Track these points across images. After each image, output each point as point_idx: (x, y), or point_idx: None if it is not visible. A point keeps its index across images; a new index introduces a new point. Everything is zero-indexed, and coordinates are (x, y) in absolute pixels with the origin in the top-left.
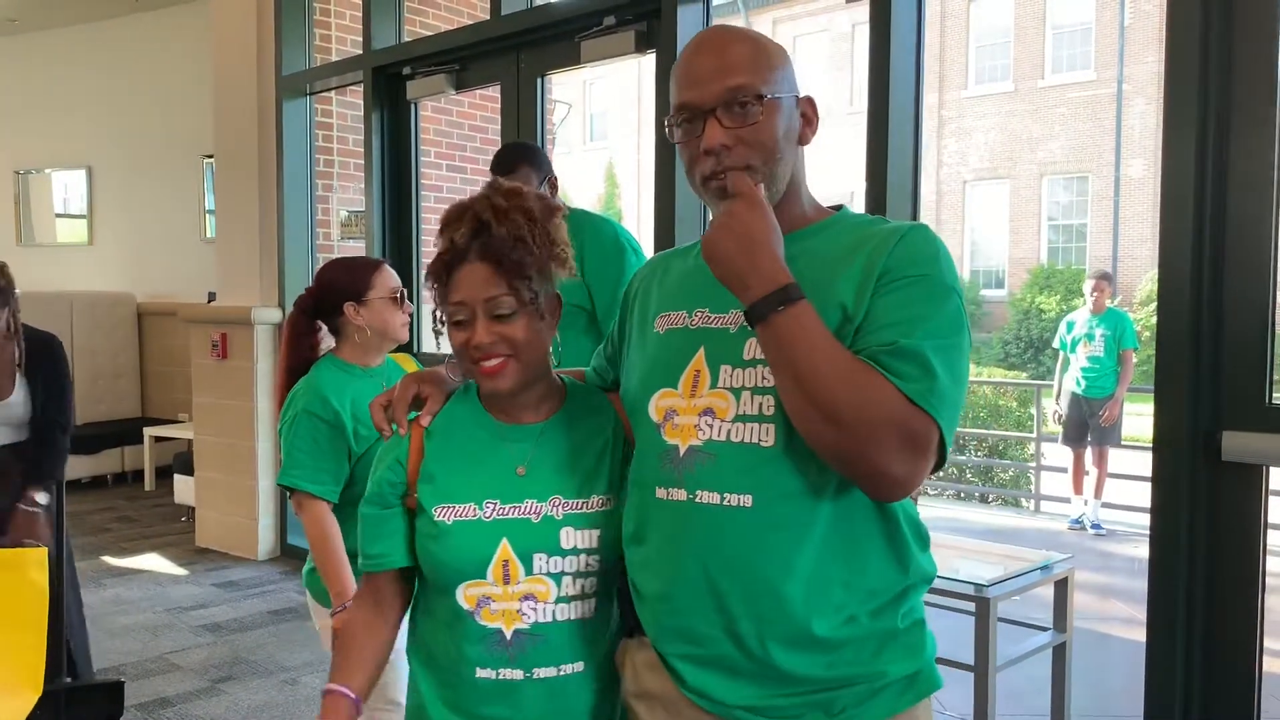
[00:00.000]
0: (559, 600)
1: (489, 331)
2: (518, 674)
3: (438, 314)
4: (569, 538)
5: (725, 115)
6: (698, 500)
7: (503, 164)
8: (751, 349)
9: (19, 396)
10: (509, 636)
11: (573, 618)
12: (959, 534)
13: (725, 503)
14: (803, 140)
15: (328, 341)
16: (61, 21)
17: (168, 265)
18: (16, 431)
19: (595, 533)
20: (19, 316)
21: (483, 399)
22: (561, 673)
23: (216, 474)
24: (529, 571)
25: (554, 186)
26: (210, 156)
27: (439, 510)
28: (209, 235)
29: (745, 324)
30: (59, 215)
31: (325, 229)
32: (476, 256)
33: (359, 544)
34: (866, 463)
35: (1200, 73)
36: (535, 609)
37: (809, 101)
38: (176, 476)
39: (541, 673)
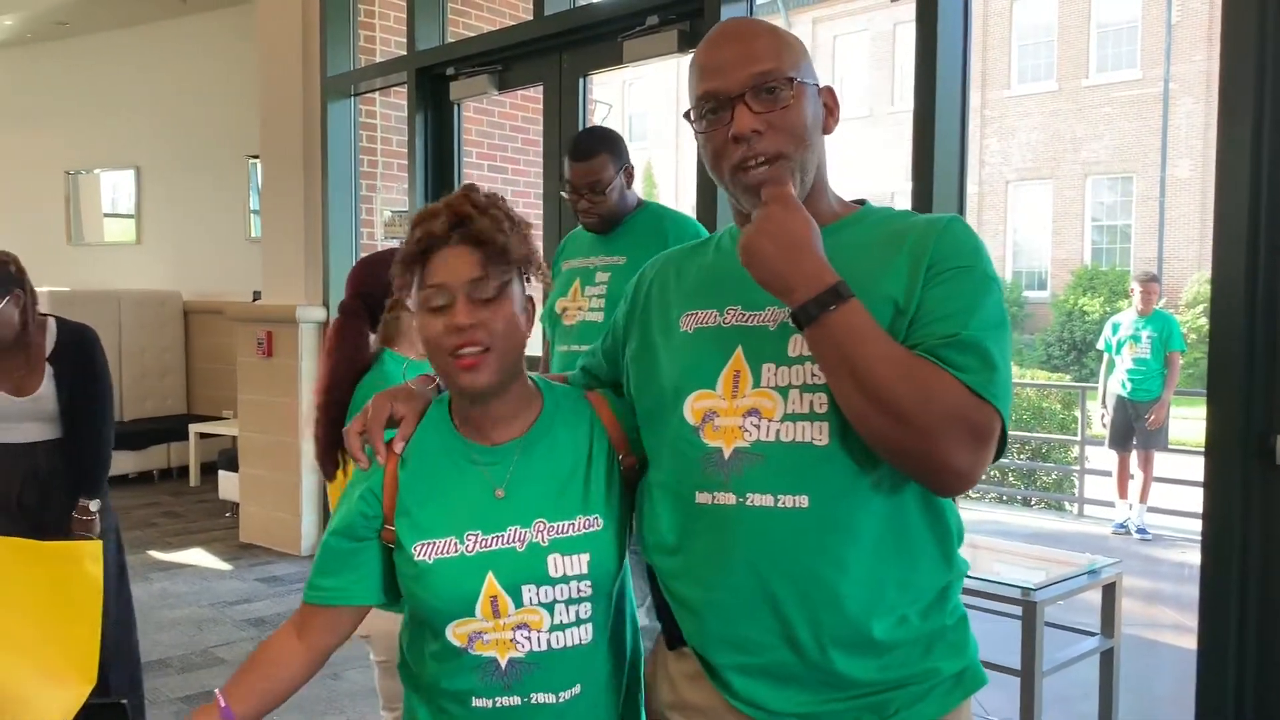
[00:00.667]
0: (553, 629)
1: (471, 314)
2: (515, 700)
3: (412, 308)
4: (557, 565)
5: (754, 101)
6: (749, 503)
7: (582, 150)
8: (797, 346)
9: (47, 389)
10: (504, 665)
11: (569, 645)
12: (1001, 537)
13: (780, 504)
14: (826, 130)
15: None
16: (110, 24)
17: (214, 264)
18: (52, 426)
19: (584, 557)
20: (36, 308)
21: (456, 418)
22: (560, 699)
23: (260, 470)
24: (519, 604)
25: (630, 176)
26: (256, 156)
27: (418, 548)
28: (254, 234)
29: (786, 321)
30: (108, 215)
31: (369, 229)
32: (459, 240)
33: (311, 570)
34: (934, 458)
35: (1256, 69)
36: (530, 638)
37: (829, 91)
38: (221, 473)
39: (540, 698)
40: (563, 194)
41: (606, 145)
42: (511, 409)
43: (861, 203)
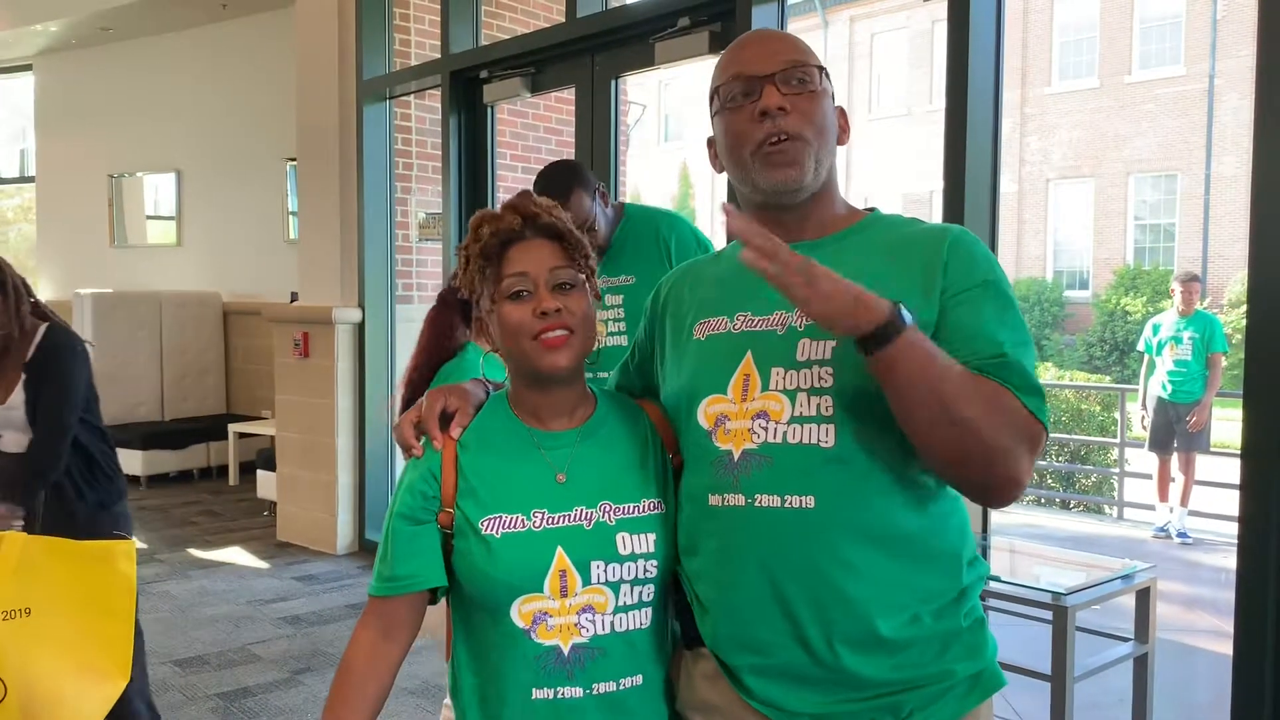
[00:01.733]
0: (617, 610)
1: (555, 299)
2: (577, 691)
3: (486, 300)
4: (625, 543)
5: (784, 84)
6: (757, 504)
7: (557, 189)
8: (805, 350)
9: (18, 397)
10: (566, 653)
11: (631, 628)
12: (1039, 540)
13: (786, 505)
14: (839, 141)
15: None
16: (153, 30)
17: (252, 265)
18: (26, 437)
19: (651, 536)
20: (25, 312)
21: (517, 405)
22: (621, 687)
23: (298, 470)
24: (586, 581)
25: (604, 196)
26: (293, 159)
27: (485, 523)
28: (292, 236)
29: (794, 325)
30: (150, 217)
31: (404, 230)
32: (534, 234)
33: (379, 563)
34: (1001, 470)
35: None
36: (594, 621)
37: (841, 111)
38: (259, 472)
39: (602, 688)
40: None
41: (573, 178)
42: (573, 400)
43: (872, 210)
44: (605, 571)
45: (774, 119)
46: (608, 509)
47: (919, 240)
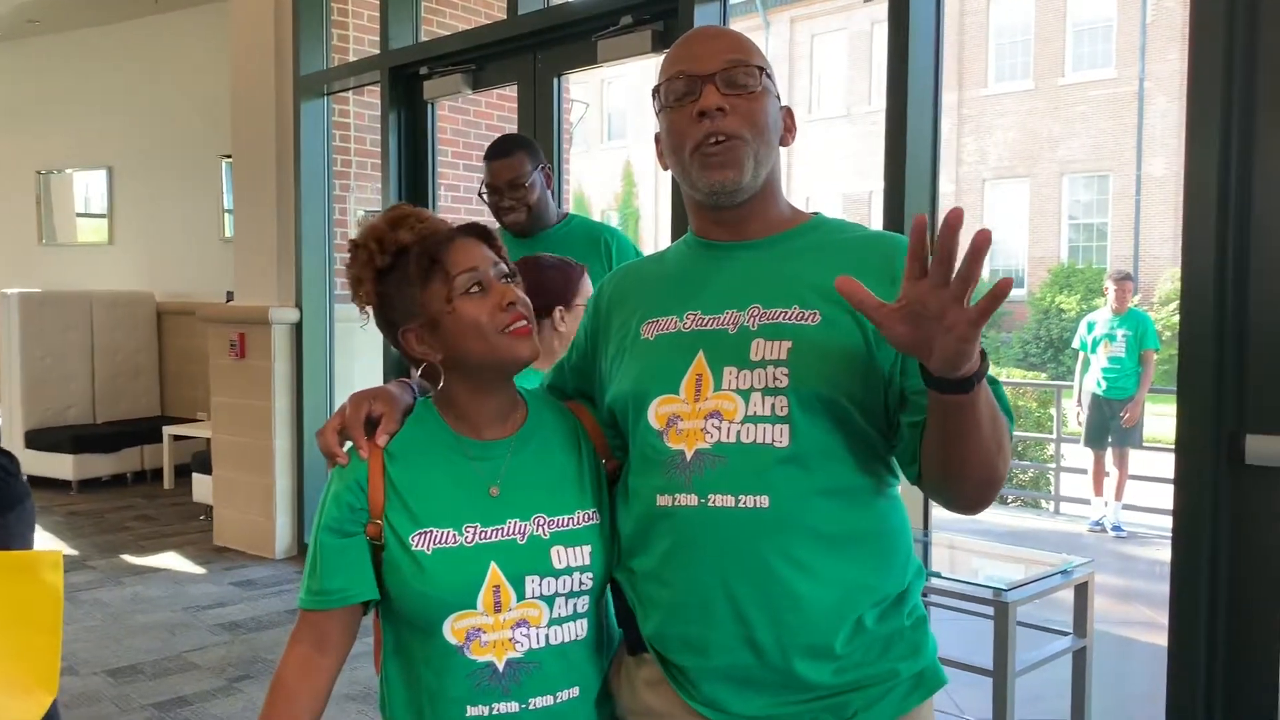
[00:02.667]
0: (551, 623)
1: (512, 292)
2: (513, 706)
3: (436, 302)
4: (560, 556)
5: (724, 84)
6: (711, 504)
7: (497, 149)
8: (759, 350)
9: None
10: (501, 668)
11: (566, 641)
12: (978, 536)
13: (740, 504)
14: (783, 142)
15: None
16: (81, 22)
17: (187, 264)
18: None
19: (587, 548)
20: None
21: (447, 412)
22: (558, 700)
23: (234, 473)
24: (521, 597)
25: (548, 177)
26: (229, 156)
27: (415, 538)
28: (228, 235)
29: (746, 325)
30: (80, 214)
31: (343, 228)
32: (463, 234)
33: (307, 576)
34: (997, 491)
35: (1224, 69)
36: (529, 635)
37: (789, 111)
38: (195, 475)
39: (538, 702)
40: (481, 197)
41: (522, 145)
42: (506, 406)
43: (815, 214)
44: (540, 586)
45: (712, 119)
46: (542, 522)
47: (867, 248)
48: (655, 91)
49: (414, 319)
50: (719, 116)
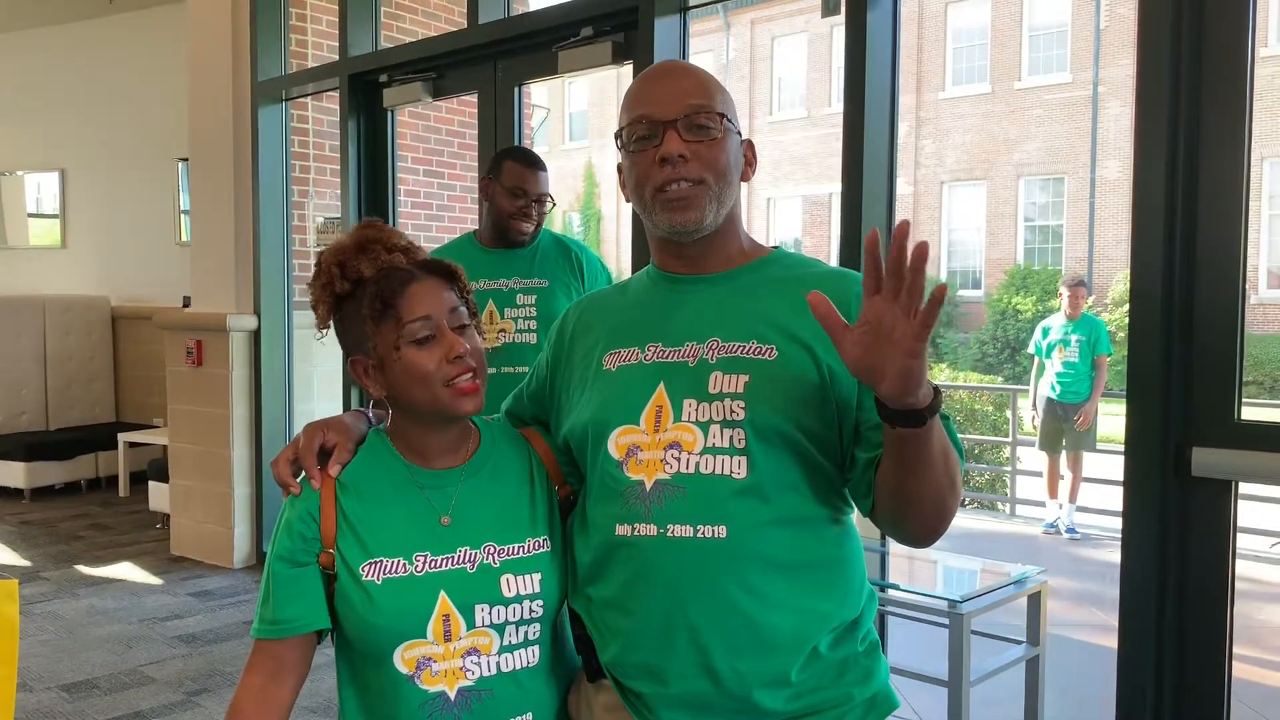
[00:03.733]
0: (502, 650)
1: (461, 342)
2: None
3: (383, 346)
4: (510, 585)
5: (685, 130)
6: (669, 534)
7: (539, 163)
8: (717, 383)
9: None
10: (453, 697)
11: (518, 668)
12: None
13: (699, 535)
14: (744, 178)
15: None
16: (34, 22)
17: (142, 268)
18: None
19: (537, 576)
20: None
21: (399, 442)
22: None
23: (192, 481)
24: (471, 625)
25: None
26: (185, 159)
27: (366, 568)
28: (184, 238)
29: (705, 358)
30: (31, 215)
31: (301, 235)
32: (426, 273)
33: (260, 605)
34: (948, 525)
35: (1171, 79)
36: (479, 663)
37: (750, 144)
38: (151, 483)
39: None
40: (500, 201)
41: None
42: (457, 438)
43: (775, 248)
44: (490, 614)
45: (674, 165)
46: (492, 550)
47: (823, 284)
48: (618, 134)
49: (363, 353)
50: (680, 163)
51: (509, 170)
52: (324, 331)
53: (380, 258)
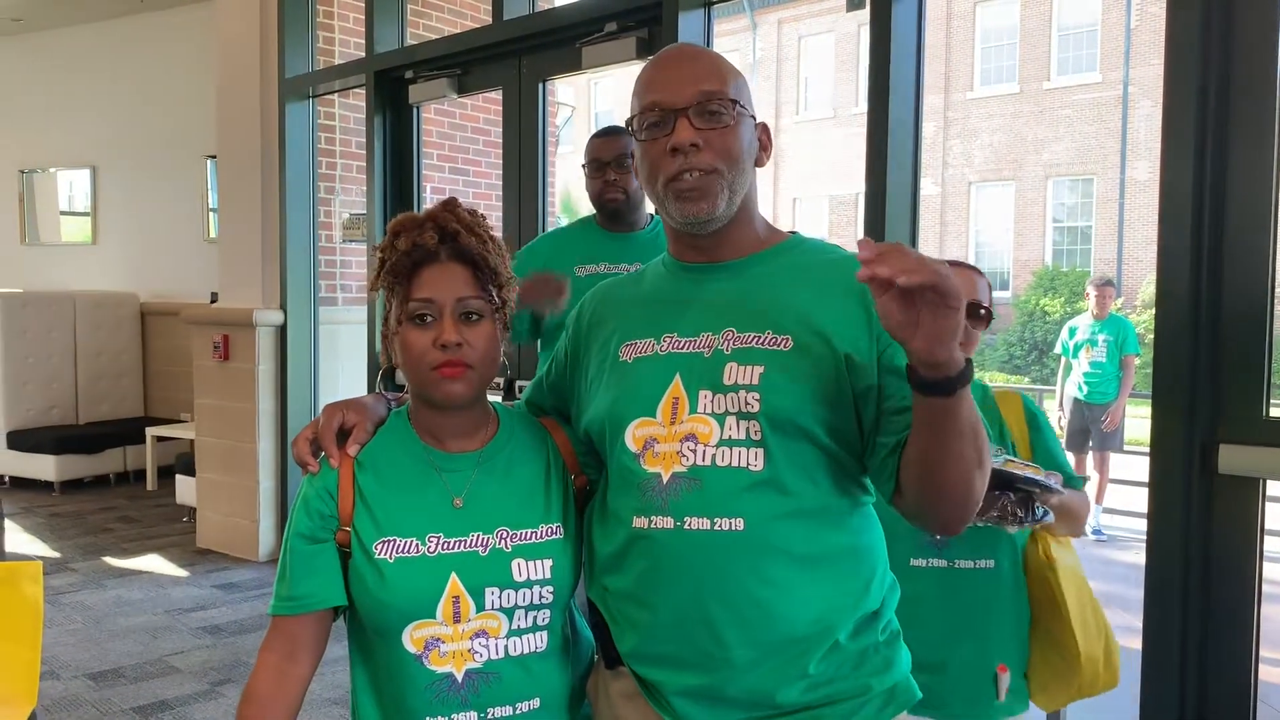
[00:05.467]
0: (510, 634)
1: (458, 332)
2: (471, 716)
3: (392, 319)
4: (521, 569)
5: (697, 117)
6: (687, 527)
7: (609, 130)
8: (731, 374)
9: None
10: (460, 678)
11: (525, 652)
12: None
13: (716, 527)
14: (759, 163)
15: None
16: (66, 21)
17: (171, 265)
18: None
19: (548, 563)
20: None
21: (417, 424)
22: (518, 711)
23: (218, 475)
24: (480, 607)
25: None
26: (214, 156)
27: (379, 546)
28: (212, 235)
29: (720, 348)
30: (64, 213)
31: (328, 231)
32: (449, 257)
33: (278, 582)
34: (975, 510)
35: (1199, 79)
36: (487, 645)
37: (764, 128)
38: (178, 477)
39: (496, 712)
40: (589, 182)
41: (627, 133)
42: (472, 423)
43: (792, 233)
44: (500, 598)
45: (686, 155)
46: (504, 535)
47: (842, 271)
48: (629, 121)
49: (386, 321)
50: (693, 152)
51: (586, 149)
52: (375, 293)
53: (423, 234)
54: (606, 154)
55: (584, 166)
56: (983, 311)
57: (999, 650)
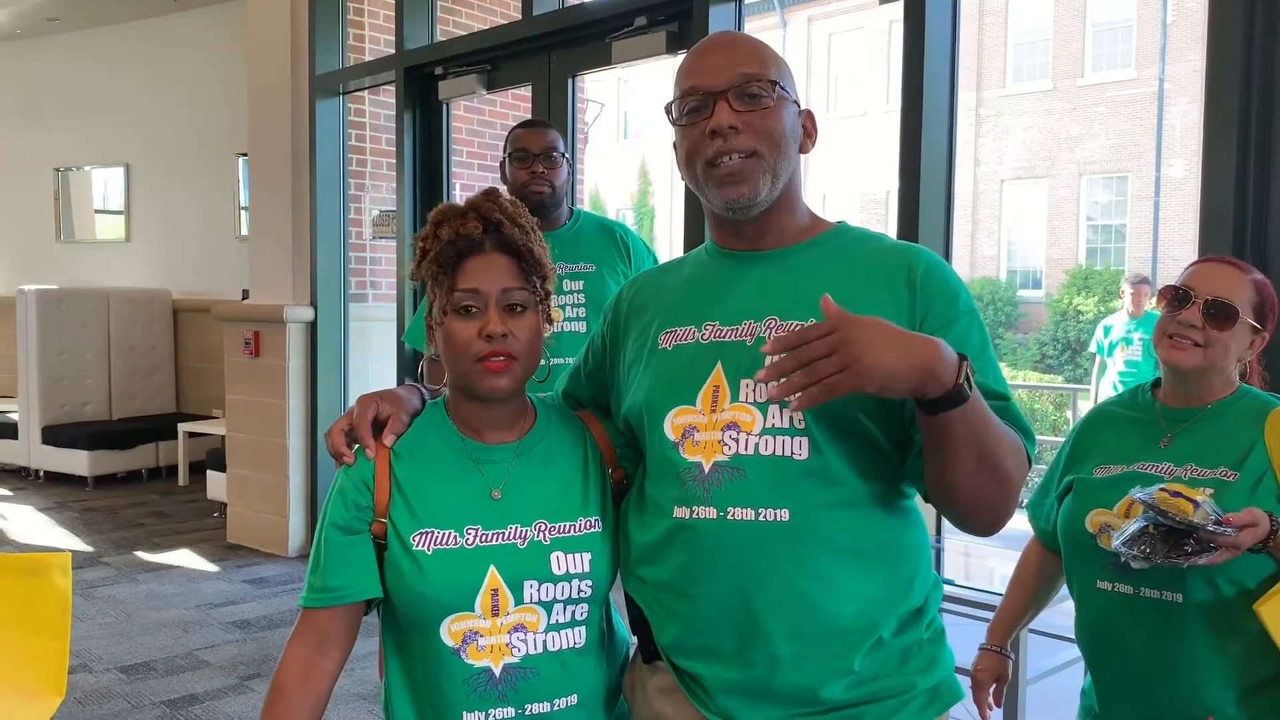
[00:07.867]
0: (549, 629)
1: (503, 322)
2: (509, 712)
3: (437, 308)
4: (560, 563)
5: (736, 99)
6: (730, 517)
7: (536, 121)
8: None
9: None
10: (498, 673)
11: (564, 647)
12: (992, 540)
13: (761, 518)
14: (803, 149)
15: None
16: (101, 21)
17: (203, 262)
18: None
19: (587, 556)
20: None
21: (455, 415)
22: (555, 707)
23: (249, 471)
24: (519, 601)
25: (567, 161)
26: (245, 154)
27: (416, 538)
28: (244, 232)
29: (762, 335)
30: (98, 211)
31: (358, 228)
32: (493, 247)
33: (310, 574)
34: (1009, 513)
35: (1243, 72)
36: (525, 640)
37: (809, 115)
38: (209, 472)
39: (535, 708)
40: (511, 173)
41: (554, 125)
42: (511, 414)
43: (838, 223)
44: (538, 591)
45: (725, 138)
46: (543, 528)
47: (886, 259)
48: (668, 107)
49: (430, 313)
50: (732, 135)
51: (510, 139)
52: (416, 281)
53: (466, 224)
54: (535, 145)
55: (508, 155)
56: (1213, 311)
57: (1211, 698)
